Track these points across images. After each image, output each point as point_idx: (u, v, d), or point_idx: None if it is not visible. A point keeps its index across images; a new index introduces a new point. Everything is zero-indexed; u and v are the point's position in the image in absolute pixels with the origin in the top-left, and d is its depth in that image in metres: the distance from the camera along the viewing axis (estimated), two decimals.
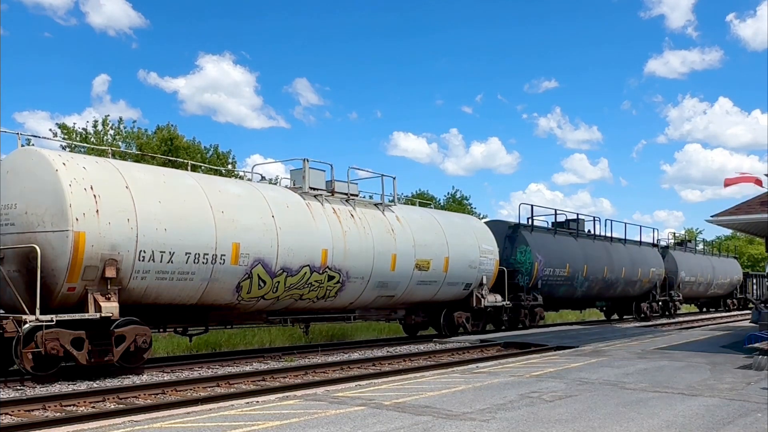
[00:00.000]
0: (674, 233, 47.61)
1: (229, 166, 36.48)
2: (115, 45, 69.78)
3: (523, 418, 7.85)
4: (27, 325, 11.67)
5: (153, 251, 13.02)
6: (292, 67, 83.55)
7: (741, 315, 40.77)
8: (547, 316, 28.02)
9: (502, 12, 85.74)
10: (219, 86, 70.70)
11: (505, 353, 17.39)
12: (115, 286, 12.63)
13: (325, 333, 23.00)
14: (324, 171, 18.13)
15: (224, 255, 14.21)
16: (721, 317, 38.97)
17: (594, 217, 31.13)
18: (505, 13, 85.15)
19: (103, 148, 24.23)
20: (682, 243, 42.91)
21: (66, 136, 33.25)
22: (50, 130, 39.77)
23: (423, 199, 38.80)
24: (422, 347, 19.02)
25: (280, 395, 10.20)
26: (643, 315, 34.18)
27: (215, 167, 31.84)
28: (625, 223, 33.49)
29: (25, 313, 11.64)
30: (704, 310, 47.42)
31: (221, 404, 9.40)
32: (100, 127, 35.08)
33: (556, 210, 28.99)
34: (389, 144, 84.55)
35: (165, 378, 13.00)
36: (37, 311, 11.65)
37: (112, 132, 35.54)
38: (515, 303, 24.13)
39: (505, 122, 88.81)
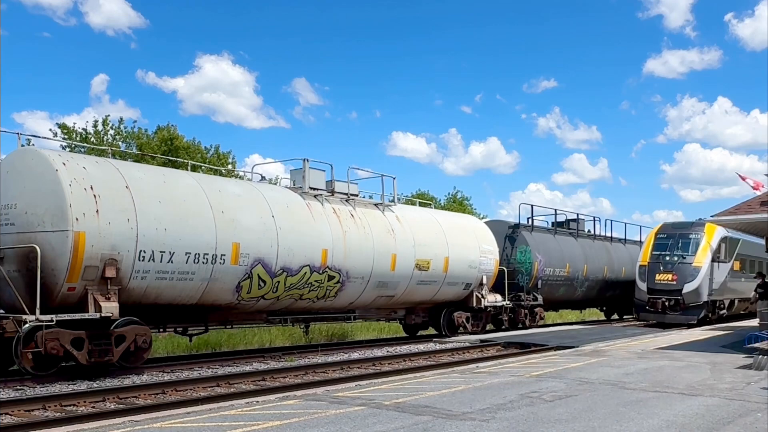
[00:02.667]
0: None
1: (229, 166, 36.49)
2: (114, 45, 69.67)
3: (523, 418, 7.85)
4: (27, 325, 11.67)
5: (153, 251, 13.02)
6: (291, 66, 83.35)
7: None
8: (547, 316, 28.03)
9: (500, 11, 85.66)
10: (218, 86, 70.58)
11: (505, 353, 17.39)
12: (115, 286, 12.62)
13: (325, 333, 23.00)
14: (324, 171, 18.14)
15: (224, 255, 14.21)
16: None
17: (594, 217, 31.18)
18: (503, 13, 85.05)
19: (103, 148, 24.25)
20: None
21: (66, 136, 33.27)
22: (50, 130, 39.82)
23: (423, 199, 38.80)
24: (422, 347, 19.02)
25: (280, 395, 10.19)
26: None
27: (215, 167, 31.84)
28: (625, 223, 33.54)
29: (25, 313, 11.64)
30: None
31: (221, 404, 9.39)
32: (100, 127, 35.12)
33: (556, 210, 29.04)
34: (388, 144, 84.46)
35: (165, 378, 13.00)
36: (37, 311, 11.65)
37: (112, 132, 35.58)
38: (515, 303, 24.13)
39: (504, 122, 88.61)
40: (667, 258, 26.19)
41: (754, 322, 22.24)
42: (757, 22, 77.58)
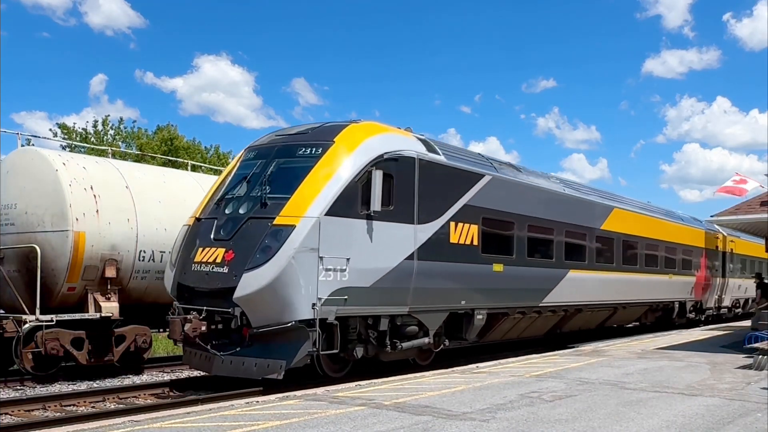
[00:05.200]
0: None
1: None
2: (113, 45, 69.58)
3: (523, 418, 7.85)
4: (27, 325, 11.67)
5: (153, 251, 13.02)
6: (290, 66, 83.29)
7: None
8: None
9: (499, 11, 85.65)
10: (217, 86, 70.47)
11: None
12: (115, 286, 12.63)
13: None
14: None
15: None
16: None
17: None
18: (503, 13, 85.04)
19: (103, 148, 24.27)
20: None
21: (66, 136, 33.31)
22: (50, 130, 39.84)
23: None
24: None
25: (280, 395, 10.18)
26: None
27: (215, 167, 31.85)
28: None
29: (25, 313, 11.64)
30: None
31: (221, 404, 9.38)
32: (100, 127, 35.15)
33: None
34: None
35: (165, 378, 12.99)
36: (37, 311, 11.65)
37: (112, 132, 35.62)
38: None
39: (504, 122, 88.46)
40: (231, 209, 10.86)
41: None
42: (756, 22, 77.55)
